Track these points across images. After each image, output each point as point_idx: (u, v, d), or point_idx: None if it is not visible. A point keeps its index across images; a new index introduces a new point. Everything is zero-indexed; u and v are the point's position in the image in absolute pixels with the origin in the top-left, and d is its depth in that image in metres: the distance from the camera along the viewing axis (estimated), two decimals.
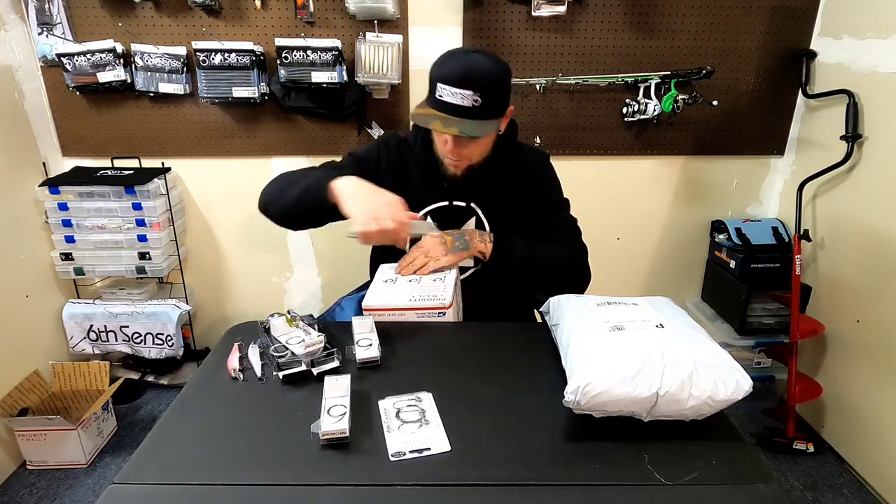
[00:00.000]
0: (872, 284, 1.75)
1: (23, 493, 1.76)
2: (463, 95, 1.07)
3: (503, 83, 1.12)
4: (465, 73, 1.06)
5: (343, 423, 0.79)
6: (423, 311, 1.13)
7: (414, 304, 1.12)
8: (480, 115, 1.09)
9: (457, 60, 1.09)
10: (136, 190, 1.91)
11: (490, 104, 1.09)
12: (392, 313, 1.13)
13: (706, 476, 0.74)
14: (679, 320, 0.93)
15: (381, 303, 1.13)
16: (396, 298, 1.13)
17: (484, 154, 1.23)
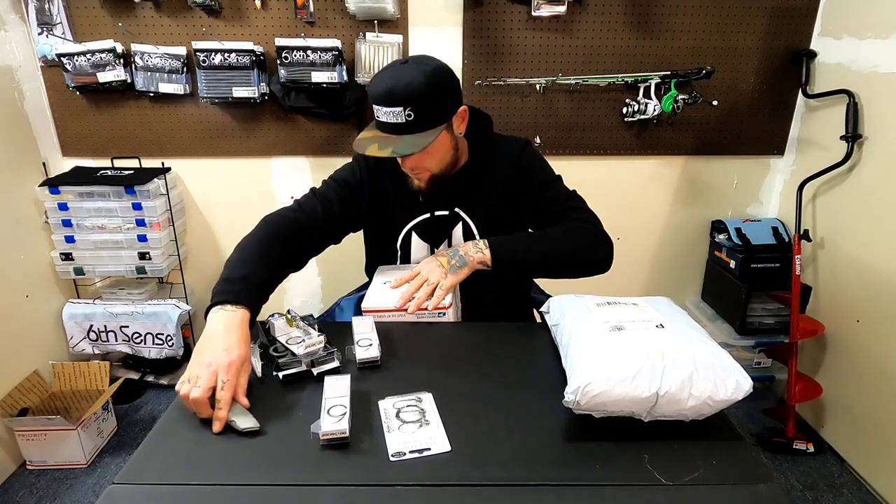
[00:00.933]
0: (872, 284, 1.75)
1: (23, 493, 1.76)
2: (393, 113, 1.06)
3: (435, 92, 1.07)
4: (390, 90, 1.05)
5: (343, 424, 0.79)
6: (423, 312, 1.12)
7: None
8: (416, 128, 1.07)
9: (385, 77, 1.07)
10: (136, 190, 1.91)
11: (423, 115, 1.06)
12: (391, 314, 1.13)
13: (706, 476, 0.74)
14: (679, 320, 0.93)
15: (380, 304, 1.14)
16: (395, 300, 1.14)
17: (443, 163, 1.17)
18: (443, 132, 1.11)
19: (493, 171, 1.25)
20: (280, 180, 2.14)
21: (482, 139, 1.25)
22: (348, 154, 2.08)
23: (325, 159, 2.11)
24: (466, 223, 1.27)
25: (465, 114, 1.17)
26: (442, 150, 1.15)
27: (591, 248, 1.20)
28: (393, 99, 1.05)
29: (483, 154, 1.25)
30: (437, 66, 1.08)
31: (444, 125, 1.11)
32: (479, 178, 1.25)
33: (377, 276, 1.25)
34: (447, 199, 1.26)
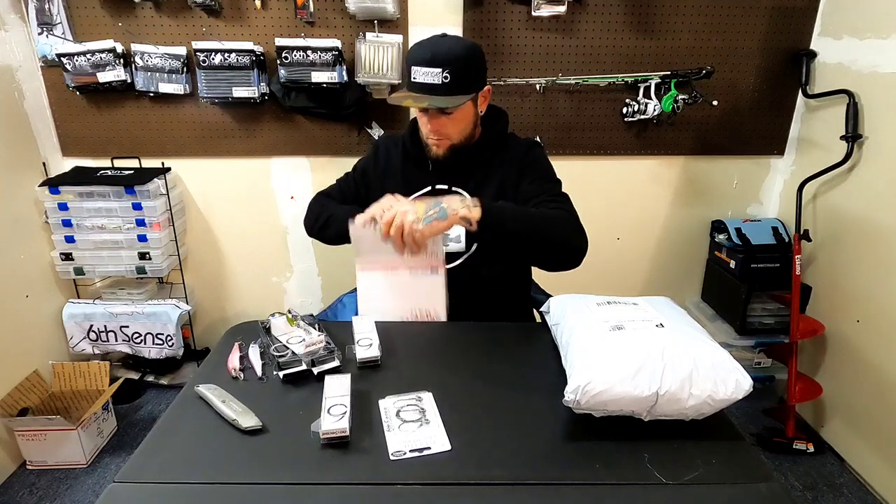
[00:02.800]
0: (872, 284, 1.75)
1: (23, 493, 1.75)
2: (432, 73, 1.14)
3: (471, 59, 1.17)
4: (432, 52, 1.15)
5: (343, 423, 0.79)
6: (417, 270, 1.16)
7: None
8: (450, 90, 1.15)
9: (426, 43, 1.17)
10: (136, 190, 1.91)
11: (458, 79, 1.14)
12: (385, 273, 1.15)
13: (706, 476, 0.74)
14: (679, 320, 0.93)
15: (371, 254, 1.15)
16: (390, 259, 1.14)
17: (464, 133, 1.25)
18: (469, 102, 1.20)
19: (501, 163, 1.30)
20: (280, 180, 2.14)
21: (494, 128, 1.32)
22: (348, 154, 2.08)
23: (325, 159, 2.11)
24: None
25: (489, 94, 1.26)
26: (466, 120, 1.23)
27: (572, 236, 1.16)
28: (434, 60, 1.14)
29: (493, 142, 1.31)
30: (473, 43, 1.21)
31: (473, 95, 1.20)
32: (488, 164, 1.30)
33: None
34: (451, 176, 1.31)
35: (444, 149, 1.25)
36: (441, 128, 1.21)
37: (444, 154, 1.26)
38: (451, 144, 1.25)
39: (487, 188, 1.29)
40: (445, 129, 1.22)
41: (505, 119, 1.35)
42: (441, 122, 1.21)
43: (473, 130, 1.27)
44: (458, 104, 1.17)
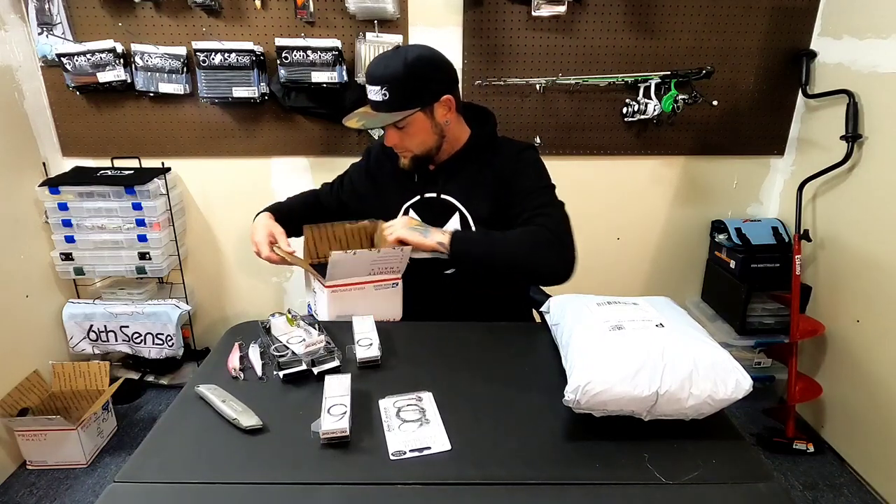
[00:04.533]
0: (872, 284, 1.75)
1: (23, 493, 1.76)
2: (373, 91, 1.18)
3: (412, 75, 1.16)
4: (371, 70, 1.19)
5: (343, 423, 0.79)
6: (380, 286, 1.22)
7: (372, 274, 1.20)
8: (390, 106, 1.17)
9: (376, 59, 1.20)
10: (136, 190, 1.91)
11: (397, 96, 1.16)
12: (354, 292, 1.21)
13: (706, 475, 0.74)
14: (679, 320, 0.93)
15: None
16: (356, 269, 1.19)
17: (424, 145, 1.24)
18: (419, 115, 1.19)
19: (492, 167, 1.28)
20: (280, 180, 2.14)
21: (482, 132, 1.31)
22: (348, 154, 2.08)
23: (325, 159, 2.11)
24: (464, 214, 1.29)
25: (451, 103, 1.23)
26: (421, 133, 1.22)
27: (544, 257, 1.15)
28: (373, 78, 1.18)
29: (482, 147, 1.30)
30: (419, 55, 1.17)
31: (420, 109, 1.18)
32: (475, 169, 1.28)
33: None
34: (436, 184, 1.31)
35: (408, 159, 1.28)
36: (397, 141, 1.24)
37: (410, 164, 1.28)
38: (414, 156, 1.26)
39: (477, 195, 1.27)
40: (402, 142, 1.24)
41: (492, 121, 1.34)
42: (396, 137, 1.23)
43: (439, 140, 1.25)
44: (394, 120, 1.18)
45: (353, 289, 1.19)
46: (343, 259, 1.12)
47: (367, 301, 1.21)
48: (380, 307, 1.22)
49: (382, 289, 1.22)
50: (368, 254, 1.15)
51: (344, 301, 1.19)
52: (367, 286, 1.20)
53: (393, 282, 1.23)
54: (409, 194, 1.32)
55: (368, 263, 1.17)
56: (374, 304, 1.21)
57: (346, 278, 1.18)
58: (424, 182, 1.31)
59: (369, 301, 1.21)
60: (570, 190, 1.36)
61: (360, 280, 1.19)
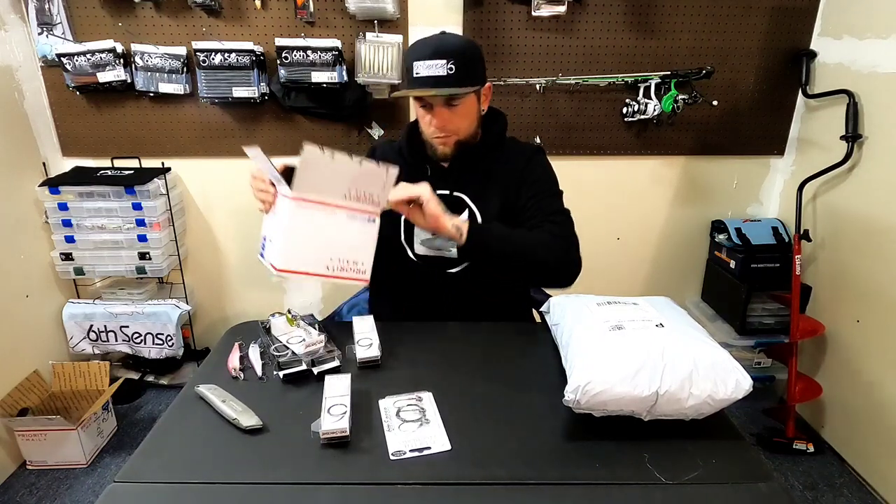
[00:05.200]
0: (872, 284, 1.75)
1: (23, 493, 1.75)
2: (437, 65, 1.13)
3: (473, 53, 1.18)
4: (435, 46, 1.15)
5: (343, 423, 0.79)
6: (355, 214, 1.00)
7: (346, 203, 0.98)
8: (456, 81, 1.14)
9: (427, 40, 1.18)
10: (136, 190, 1.91)
11: (464, 71, 1.14)
12: (323, 212, 0.97)
13: (706, 475, 0.74)
14: (679, 320, 0.93)
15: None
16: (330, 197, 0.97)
17: (469, 129, 1.23)
18: (472, 96, 1.20)
19: (504, 165, 1.28)
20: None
21: (492, 130, 1.30)
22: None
23: None
24: (473, 212, 1.26)
25: (490, 92, 1.26)
26: (470, 115, 1.22)
27: (556, 260, 1.15)
28: (439, 53, 1.13)
29: (493, 144, 1.29)
30: (472, 40, 1.23)
31: (478, 87, 1.20)
32: (488, 169, 1.27)
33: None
34: (450, 181, 1.28)
35: (451, 145, 1.23)
36: (447, 123, 1.19)
37: (452, 151, 1.24)
38: (458, 140, 1.23)
39: (489, 195, 1.26)
40: (452, 123, 1.20)
41: (503, 121, 1.34)
42: (447, 117, 1.19)
43: (477, 129, 1.26)
44: (467, 93, 1.16)
45: (322, 209, 0.95)
46: (317, 159, 0.90)
47: (336, 232, 0.98)
48: (349, 245, 1.00)
49: (357, 221, 1.00)
50: (350, 162, 0.93)
51: (309, 224, 0.95)
52: (339, 211, 0.97)
53: (370, 215, 1.01)
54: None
55: (348, 178, 0.95)
56: (343, 239, 0.99)
57: (316, 192, 0.94)
58: (437, 179, 1.28)
59: (339, 233, 0.98)
60: (571, 190, 1.36)
61: (333, 201, 0.96)
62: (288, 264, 0.96)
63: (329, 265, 0.99)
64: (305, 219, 0.95)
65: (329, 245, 0.98)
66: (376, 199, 1.00)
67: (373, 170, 0.96)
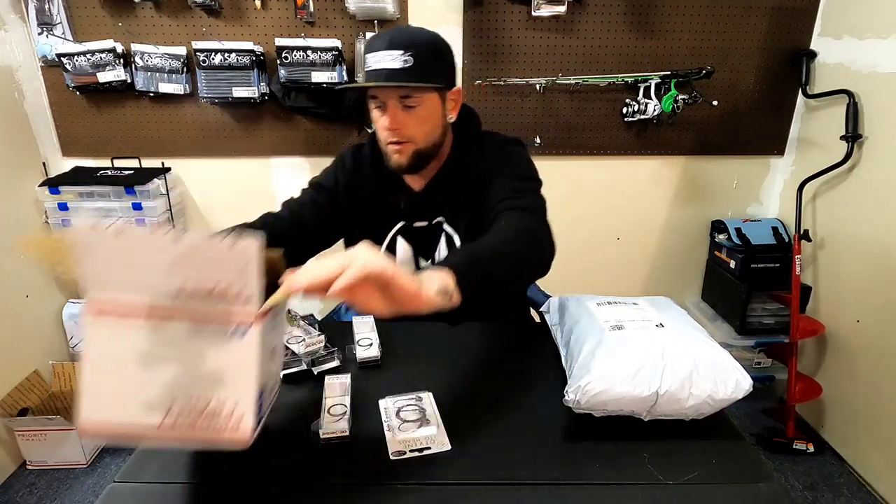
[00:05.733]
0: (872, 284, 1.75)
1: (23, 493, 1.76)
2: (391, 56, 0.97)
3: (438, 48, 1.02)
4: (392, 35, 0.99)
5: (343, 423, 0.79)
6: (206, 326, 0.59)
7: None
8: (412, 75, 0.97)
9: (391, 31, 1.01)
10: (136, 190, 1.91)
11: (423, 66, 0.98)
12: (140, 326, 0.59)
13: (706, 475, 0.74)
14: (679, 320, 0.93)
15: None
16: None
17: (430, 137, 1.06)
18: (435, 97, 1.03)
19: (475, 166, 1.12)
20: (280, 180, 2.14)
21: (467, 133, 1.14)
22: None
23: (326, 159, 2.06)
24: (450, 237, 1.14)
25: (459, 97, 1.10)
26: (432, 120, 1.05)
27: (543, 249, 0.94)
28: (394, 43, 0.97)
29: (464, 154, 1.13)
30: (438, 35, 1.05)
31: (440, 88, 1.03)
32: (458, 181, 1.13)
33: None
34: (426, 208, 1.14)
35: (406, 155, 1.05)
36: (402, 126, 1.02)
37: (408, 162, 1.05)
38: (416, 150, 1.05)
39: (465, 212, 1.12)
40: (407, 127, 1.02)
41: (477, 121, 1.17)
42: (402, 119, 1.02)
43: (441, 138, 1.09)
44: (424, 90, 1.00)
45: (132, 322, 0.58)
46: (98, 242, 0.56)
47: (174, 356, 0.59)
48: (204, 378, 0.59)
49: (207, 337, 0.58)
50: (152, 239, 0.56)
51: (115, 347, 0.58)
52: (171, 323, 0.58)
53: (232, 325, 0.59)
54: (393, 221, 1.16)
55: (165, 266, 0.56)
56: (188, 368, 0.59)
57: (118, 290, 0.57)
58: (412, 209, 1.14)
59: (178, 358, 0.59)
60: (571, 190, 1.36)
61: (148, 306, 0.58)
62: (92, 415, 0.59)
63: (170, 413, 0.59)
64: (109, 339, 0.58)
65: (158, 380, 0.59)
66: (243, 294, 0.57)
67: (204, 248, 0.55)
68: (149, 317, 0.58)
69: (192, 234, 0.54)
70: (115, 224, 0.53)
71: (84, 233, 0.55)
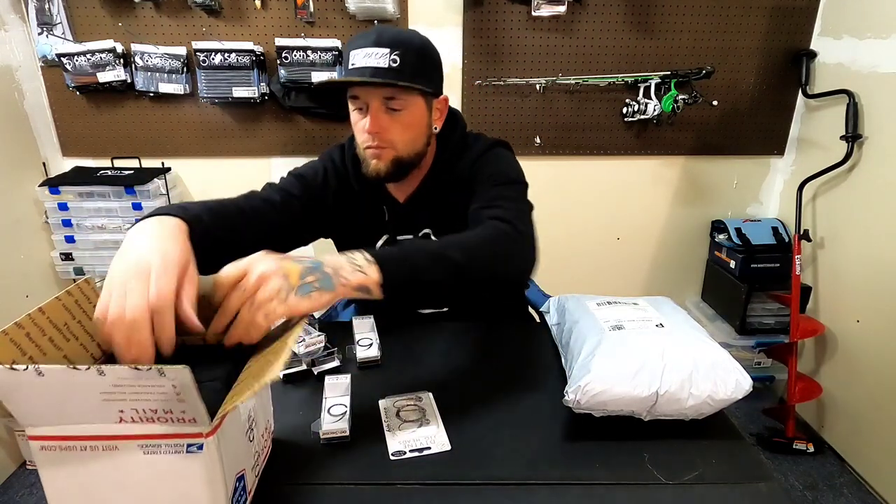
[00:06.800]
0: (872, 284, 1.75)
1: (23, 493, 1.75)
2: (377, 54, 0.91)
3: (428, 52, 0.97)
4: (380, 33, 0.93)
5: (343, 423, 0.79)
6: (157, 449, 0.55)
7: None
8: (398, 75, 0.92)
9: (371, 29, 0.96)
10: (136, 190, 1.91)
11: (412, 67, 0.93)
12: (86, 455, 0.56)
13: (706, 475, 0.74)
14: (679, 320, 0.93)
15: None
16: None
17: (414, 143, 1.00)
18: (421, 102, 0.98)
19: (458, 172, 1.08)
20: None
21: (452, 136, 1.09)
22: None
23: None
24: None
25: (445, 107, 1.05)
26: (416, 127, 0.99)
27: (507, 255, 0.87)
28: (382, 41, 0.92)
29: (447, 162, 1.09)
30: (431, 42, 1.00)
31: (428, 94, 0.98)
32: (442, 191, 1.09)
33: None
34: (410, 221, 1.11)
35: (385, 161, 0.99)
36: (383, 130, 0.96)
37: (387, 168, 0.99)
38: (396, 156, 0.99)
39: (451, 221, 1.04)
40: (389, 132, 0.97)
41: (462, 123, 1.13)
42: (385, 123, 0.96)
43: (424, 147, 1.03)
44: (411, 91, 0.95)
45: (80, 446, 0.55)
46: (14, 380, 0.52)
47: (133, 483, 0.56)
48: (162, 499, 0.57)
49: (160, 457, 0.55)
50: (72, 374, 0.51)
51: (71, 480, 0.56)
52: (118, 446, 0.55)
53: (186, 440, 0.55)
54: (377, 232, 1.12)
55: (95, 394, 0.52)
56: (147, 493, 0.57)
57: (56, 420, 0.55)
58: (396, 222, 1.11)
59: (136, 485, 0.56)
60: (571, 190, 1.36)
61: (98, 430, 0.55)
62: None
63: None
64: (63, 474, 0.56)
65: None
66: (186, 417, 0.54)
67: (133, 378, 0.51)
68: (94, 446, 0.55)
69: (117, 368, 0.51)
70: (32, 366, 0.51)
71: (3, 373, 0.52)
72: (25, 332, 0.66)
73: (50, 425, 0.55)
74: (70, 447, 0.55)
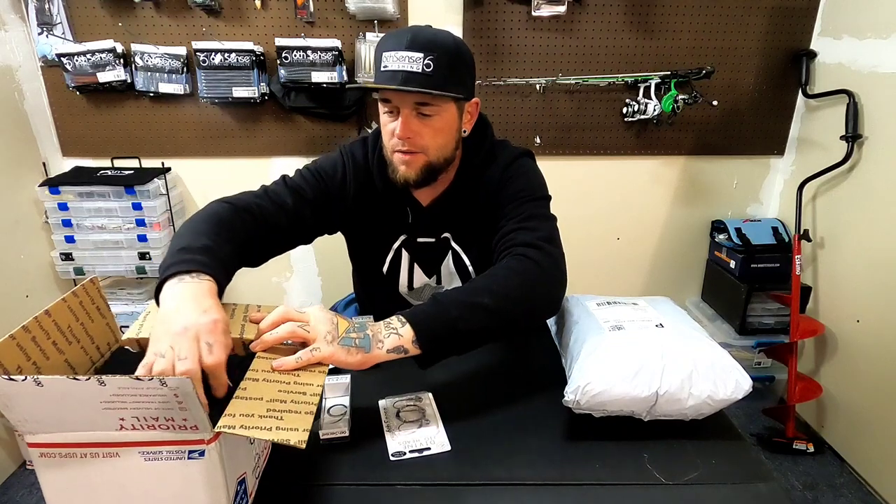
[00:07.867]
0: (872, 284, 1.75)
1: (23, 493, 1.75)
2: (410, 59, 0.89)
3: (463, 56, 0.95)
4: (412, 36, 0.91)
5: (343, 423, 0.79)
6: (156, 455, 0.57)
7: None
8: (433, 82, 0.90)
9: (404, 29, 0.94)
10: (136, 190, 1.91)
11: (446, 73, 0.90)
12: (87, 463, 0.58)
13: (706, 475, 0.74)
14: (679, 320, 0.93)
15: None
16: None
17: (443, 151, 0.99)
18: (453, 107, 0.96)
19: (485, 182, 1.06)
20: None
21: (480, 144, 1.07)
22: None
23: None
24: (457, 254, 1.09)
25: (476, 110, 1.04)
26: (447, 132, 0.98)
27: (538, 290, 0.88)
28: (414, 44, 0.89)
29: (475, 168, 1.07)
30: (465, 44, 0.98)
31: (460, 98, 0.96)
32: (467, 197, 1.07)
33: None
34: (432, 225, 1.09)
35: (415, 168, 0.97)
36: (415, 136, 0.94)
37: (416, 175, 0.98)
38: (427, 162, 0.97)
39: (475, 229, 1.07)
40: (421, 137, 0.95)
41: (490, 131, 1.10)
42: (416, 128, 0.94)
43: (453, 152, 1.01)
44: (445, 99, 0.93)
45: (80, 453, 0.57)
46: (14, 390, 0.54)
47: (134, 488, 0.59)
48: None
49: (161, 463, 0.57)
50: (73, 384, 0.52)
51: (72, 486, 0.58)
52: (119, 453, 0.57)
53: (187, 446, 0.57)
54: (398, 232, 1.11)
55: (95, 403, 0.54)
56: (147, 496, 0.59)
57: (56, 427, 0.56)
58: (418, 225, 1.09)
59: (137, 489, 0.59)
60: (571, 190, 1.36)
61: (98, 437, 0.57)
62: None
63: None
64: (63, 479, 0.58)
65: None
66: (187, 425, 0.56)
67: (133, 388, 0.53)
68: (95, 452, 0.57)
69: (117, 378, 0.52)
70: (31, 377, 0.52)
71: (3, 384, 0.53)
72: (32, 335, 0.70)
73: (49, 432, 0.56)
74: (70, 454, 0.57)
